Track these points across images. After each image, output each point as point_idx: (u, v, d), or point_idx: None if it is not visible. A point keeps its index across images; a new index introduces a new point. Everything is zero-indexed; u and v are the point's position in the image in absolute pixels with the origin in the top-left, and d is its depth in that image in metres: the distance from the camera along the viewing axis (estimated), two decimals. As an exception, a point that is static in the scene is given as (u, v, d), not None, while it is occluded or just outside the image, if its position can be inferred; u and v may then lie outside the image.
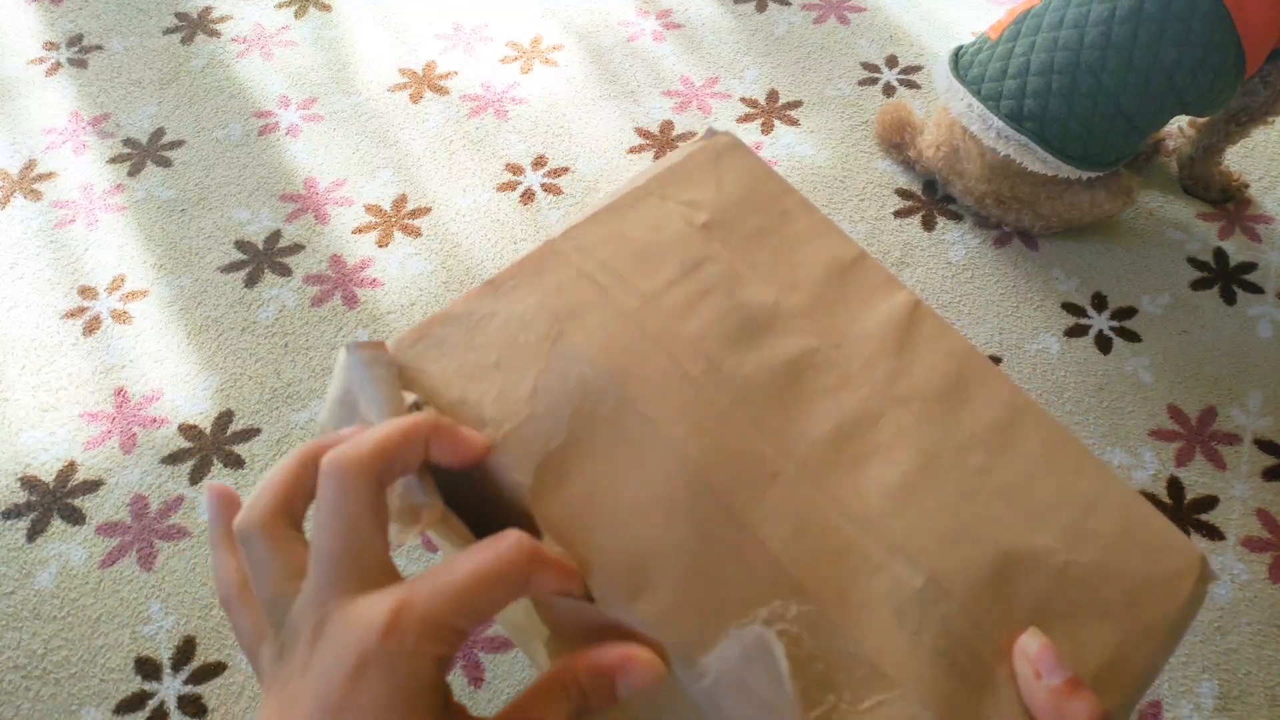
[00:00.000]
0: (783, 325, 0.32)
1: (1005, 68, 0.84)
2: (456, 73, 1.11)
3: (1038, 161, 0.84)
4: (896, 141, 1.00)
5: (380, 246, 0.95)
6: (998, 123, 0.84)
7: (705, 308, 0.32)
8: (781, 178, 0.37)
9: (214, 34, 1.16)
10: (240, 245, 0.96)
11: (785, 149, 1.03)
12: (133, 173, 1.02)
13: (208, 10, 1.18)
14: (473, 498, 0.30)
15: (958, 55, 0.89)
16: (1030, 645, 0.27)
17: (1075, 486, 0.31)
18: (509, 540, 0.25)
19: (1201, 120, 0.93)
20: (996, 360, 0.86)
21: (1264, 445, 0.81)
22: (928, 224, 0.97)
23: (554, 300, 0.31)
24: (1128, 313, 0.90)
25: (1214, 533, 0.77)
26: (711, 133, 0.37)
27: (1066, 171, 0.85)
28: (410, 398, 0.29)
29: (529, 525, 0.28)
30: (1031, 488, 0.30)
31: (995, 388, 0.32)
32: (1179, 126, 1.00)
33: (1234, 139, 0.92)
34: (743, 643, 0.26)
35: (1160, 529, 0.30)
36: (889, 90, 1.09)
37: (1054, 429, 0.32)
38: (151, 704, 0.69)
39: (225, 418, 0.83)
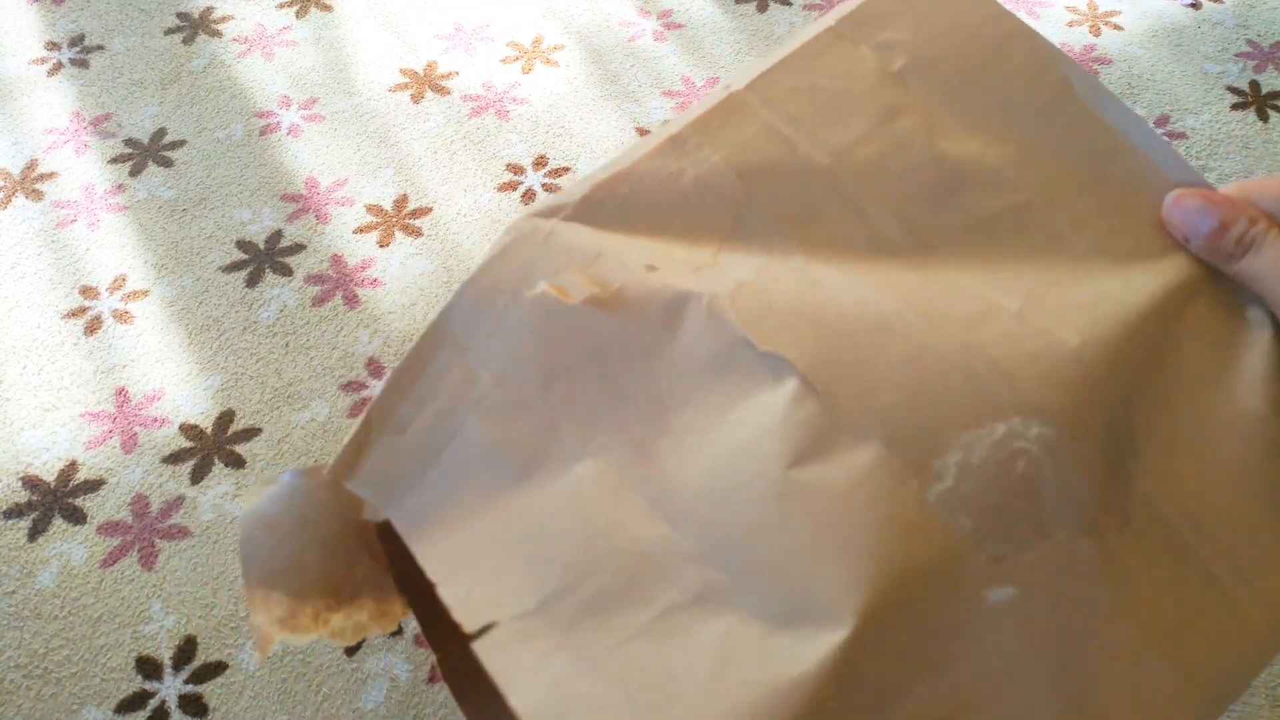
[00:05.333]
0: (988, 180, 0.30)
1: None
2: (457, 73, 1.11)
3: None
4: None
5: (381, 246, 0.95)
6: None
7: (900, 163, 0.30)
8: None
9: (215, 34, 1.16)
10: (241, 245, 0.96)
11: (786, 149, 1.03)
12: (134, 173, 1.02)
13: (209, 10, 1.18)
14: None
15: None
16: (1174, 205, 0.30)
17: None
18: None
19: None
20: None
21: (1265, 445, 0.81)
22: (929, 224, 0.97)
23: (739, 158, 0.30)
24: (1129, 313, 0.90)
25: (1215, 533, 0.77)
26: None
27: None
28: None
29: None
30: None
31: None
32: None
33: None
34: (979, 450, 0.24)
35: None
36: (890, 90, 1.09)
37: None
38: (152, 703, 0.69)
39: (226, 417, 0.83)
